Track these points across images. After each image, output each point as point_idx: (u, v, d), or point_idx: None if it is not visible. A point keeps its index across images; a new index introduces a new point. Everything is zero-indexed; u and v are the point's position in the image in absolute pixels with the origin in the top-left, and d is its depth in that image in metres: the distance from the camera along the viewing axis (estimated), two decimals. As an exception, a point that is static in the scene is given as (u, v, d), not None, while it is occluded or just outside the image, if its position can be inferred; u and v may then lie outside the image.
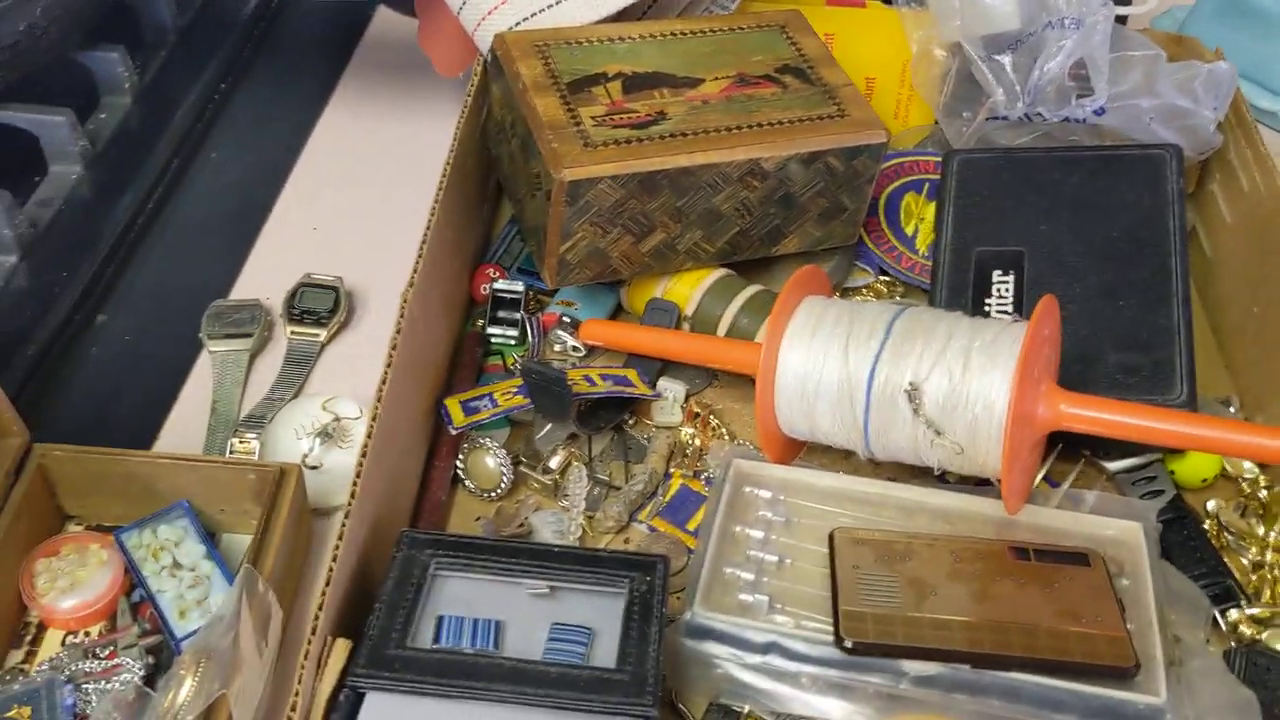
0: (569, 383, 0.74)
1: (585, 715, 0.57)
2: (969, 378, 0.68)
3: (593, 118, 0.79)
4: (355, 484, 0.64)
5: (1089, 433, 0.69)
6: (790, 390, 0.73)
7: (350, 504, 0.63)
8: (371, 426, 0.67)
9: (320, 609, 0.59)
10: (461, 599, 0.63)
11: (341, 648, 0.60)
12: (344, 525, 0.62)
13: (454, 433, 0.77)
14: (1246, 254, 0.88)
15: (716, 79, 0.83)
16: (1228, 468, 0.79)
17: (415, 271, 0.75)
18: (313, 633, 0.59)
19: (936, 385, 0.69)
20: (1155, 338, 0.78)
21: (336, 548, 0.62)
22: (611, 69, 0.83)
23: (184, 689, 0.61)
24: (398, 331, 0.72)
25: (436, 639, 0.60)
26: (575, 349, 0.86)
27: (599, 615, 0.62)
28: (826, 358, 0.72)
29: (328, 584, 0.60)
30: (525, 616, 0.62)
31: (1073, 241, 0.84)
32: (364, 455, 0.65)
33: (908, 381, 0.69)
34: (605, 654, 0.60)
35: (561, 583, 0.64)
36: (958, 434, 0.69)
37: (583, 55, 0.83)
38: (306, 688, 0.57)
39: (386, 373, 0.70)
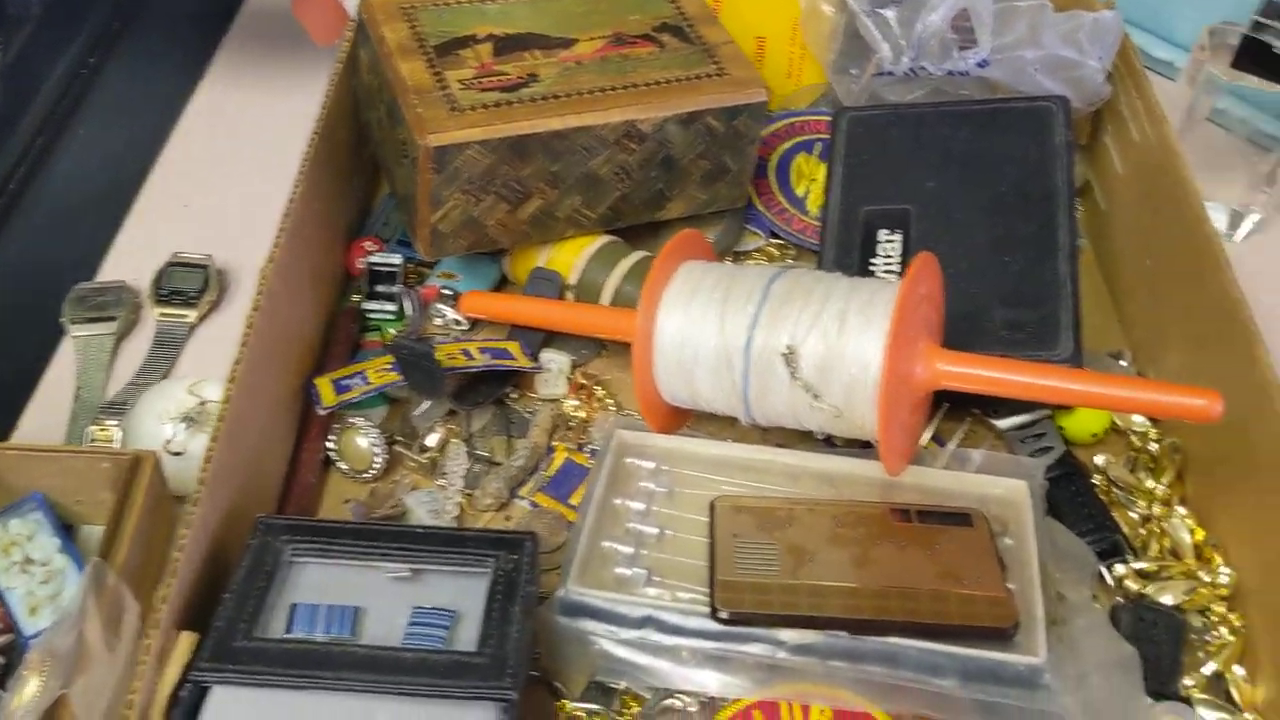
0: (439, 358, 0.71)
1: (442, 701, 0.55)
2: (844, 339, 0.66)
3: (460, 81, 0.76)
4: (204, 469, 0.61)
5: (969, 391, 0.68)
6: (668, 357, 0.71)
7: (199, 491, 0.60)
8: (224, 409, 0.64)
9: (163, 601, 0.57)
10: (318, 586, 0.60)
11: (186, 641, 0.57)
12: (191, 513, 0.59)
13: (322, 412, 0.74)
14: (1138, 206, 0.87)
15: (591, 39, 0.81)
16: (1118, 422, 0.79)
17: (276, 246, 0.72)
18: (156, 626, 0.56)
19: (813, 348, 0.67)
20: (1041, 293, 0.77)
21: (184, 537, 0.59)
22: (481, 30, 0.80)
23: (29, 689, 0.58)
24: (255, 309, 0.69)
25: (289, 628, 0.58)
26: (457, 322, 0.84)
27: (463, 597, 0.60)
28: (704, 323, 0.70)
29: (173, 575, 0.57)
30: (385, 602, 0.60)
31: (960, 198, 0.82)
32: (215, 440, 0.62)
33: (784, 345, 0.67)
34: (468, 637, 0.58)
35: (424, 565, 0.61)
36: (835, 396, 0.67)
37: (451, 17, 0.80)
38: (147, 683, 0.55)
39: (241, 352, 0.67)
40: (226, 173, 0.97)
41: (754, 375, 0.69)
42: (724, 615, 0.62)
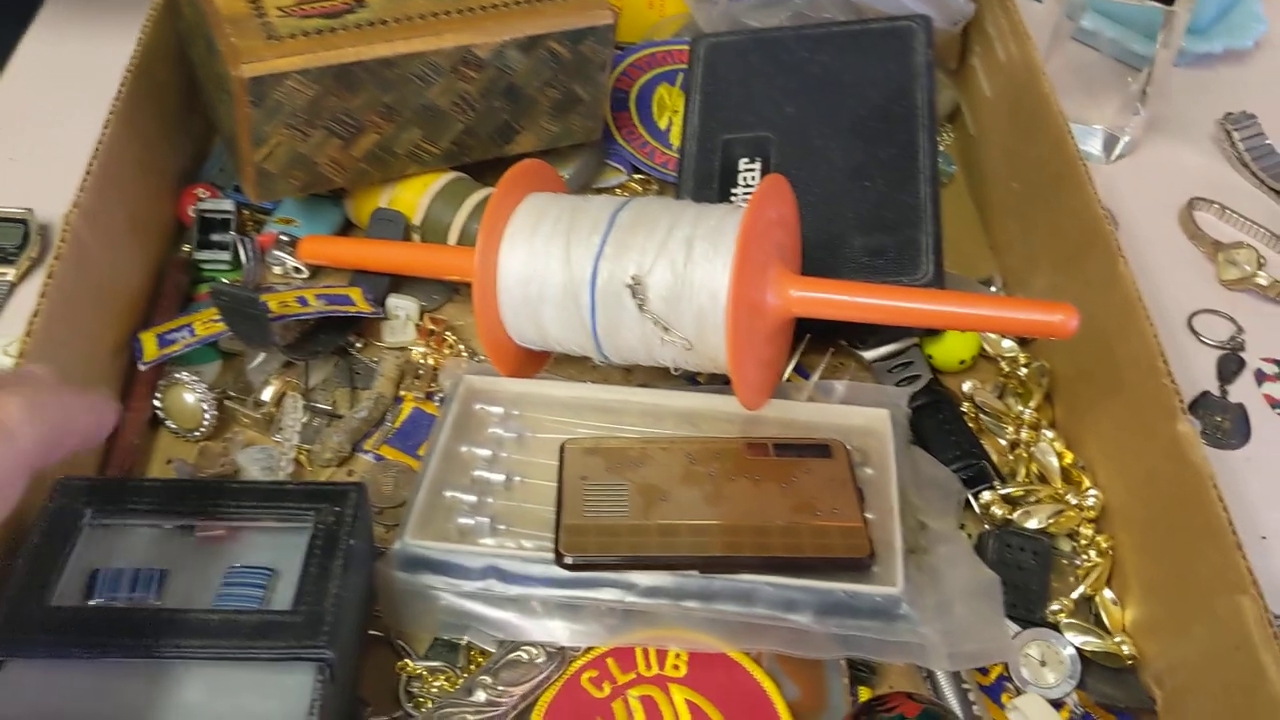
0: (266, 304, 0.67)
1: (255, 665, 0.51)
2: (692, 267, 0.63)
3: (279, 8, 0.71)
4: (-6, 430, 0.56)
5: (824, 317, 0.65)
6: (513, 295, 0.67)
7: None
8: (18, 366, 0.59)
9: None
10: (124, 550, 0.56)
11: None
12: (-22, 476, 0.54)
13: (143, 368, 0.69)
14: (1006, 128, 0.85)
15: (425, -38, 0.76)
16: (986, 348, 0.77)
17: (81, 192, 0.66)
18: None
19: (660, 278, 0.64)
20: (901, 217, 0.74)
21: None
22: (305, -45, 0.74)
23: None
24: (57, 258, 0.63)
25: (88, 595, 0.53)
26: (297, 270, 0.79)
27: (282, 555, 0.56)
28: (549, 258, 0.66)
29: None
30: (198, 563, 0.55)
31: (820, 123, 0.79)
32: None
33: (630, 275, 0.64)
34: (286, 596, 0.54)
35: (241, 522, 0.57)
36: (685, 328, 0.64)
37: (272, -59, 0.74)
38: (-78, 664, 0.50)
39: (40, 304, 0.61)
40: (52, 123, 0.90)
41: (601, 310, 0.65)
42: (569, 560, 0.59)
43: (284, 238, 0.78)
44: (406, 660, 0.61)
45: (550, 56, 0.75)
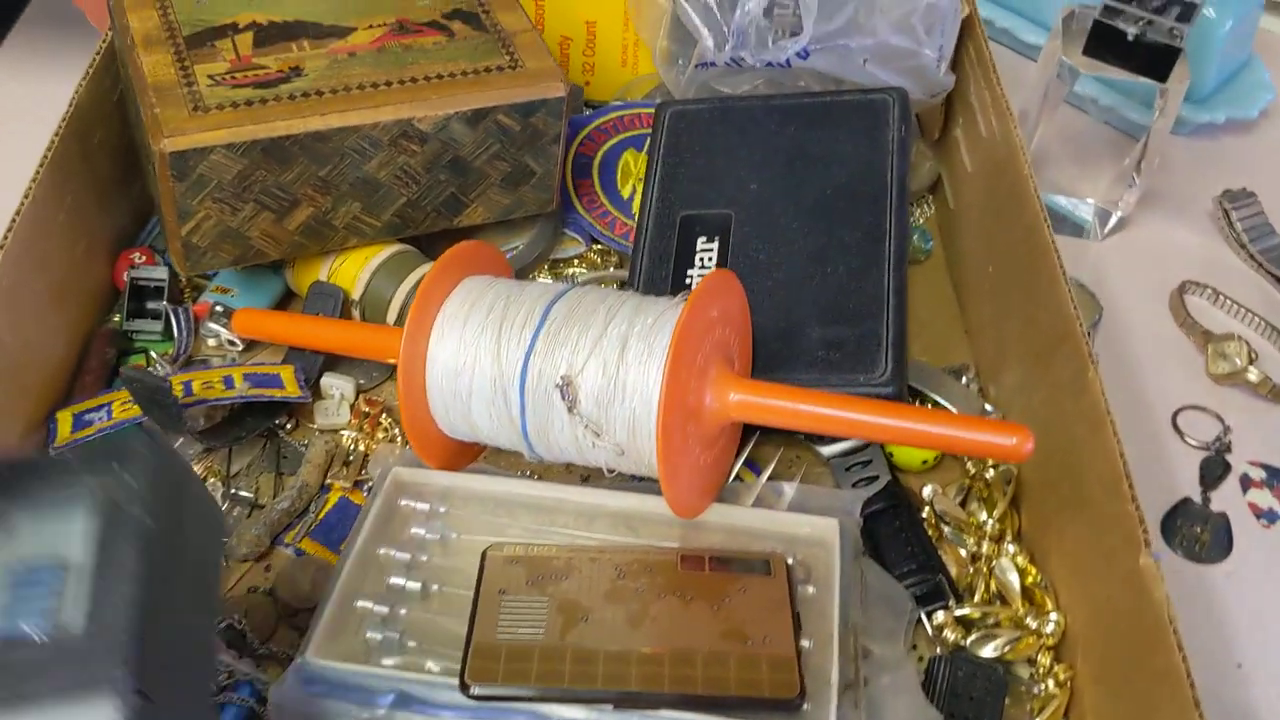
0: (172, 393, 0.63)
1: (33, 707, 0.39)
2: (625, 369, 0.59)
3: (210, 77, 0.67)
4: None
5: (765, 425, 0.61)
6: (443, 387, 0.63)
7: None
8: (-101, 460, 0.55)
9: None
10: None
11: None
12: None
13: (52, 454, 0.65)
14: (983, 205, 0.81)
15: (370, 27, 0.72)
16: (952, 446, 0.72)
17: (-10, 264, 0.63)
18: None
19: (591, 378, 0.60)
20: (862, 307, 0.70)
21: None
22: (244, 18, 0.71)
23: None
24: (-42, 340, 0.60)
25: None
26: (232, 343, 0.75)
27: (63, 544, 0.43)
28: (478, 349, 0.62)
29: None
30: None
31: (784, 201, 0.75)
32: (-117, 497, 0.54)
33: (560, 375, 0.60)
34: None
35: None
36: (617, 433, 0.60)
37: (211, 3, 0.71)
38: None
39: (-67, 391, 0.58)
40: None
41: (531, 409, 0.61)
42: (474, 691, 0.55)
43: (219, 308, 0.75)
44: (304, 786, 0.57)
45: (498, 129, 0.71)
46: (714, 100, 0.81)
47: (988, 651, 0.62)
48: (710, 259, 0.73)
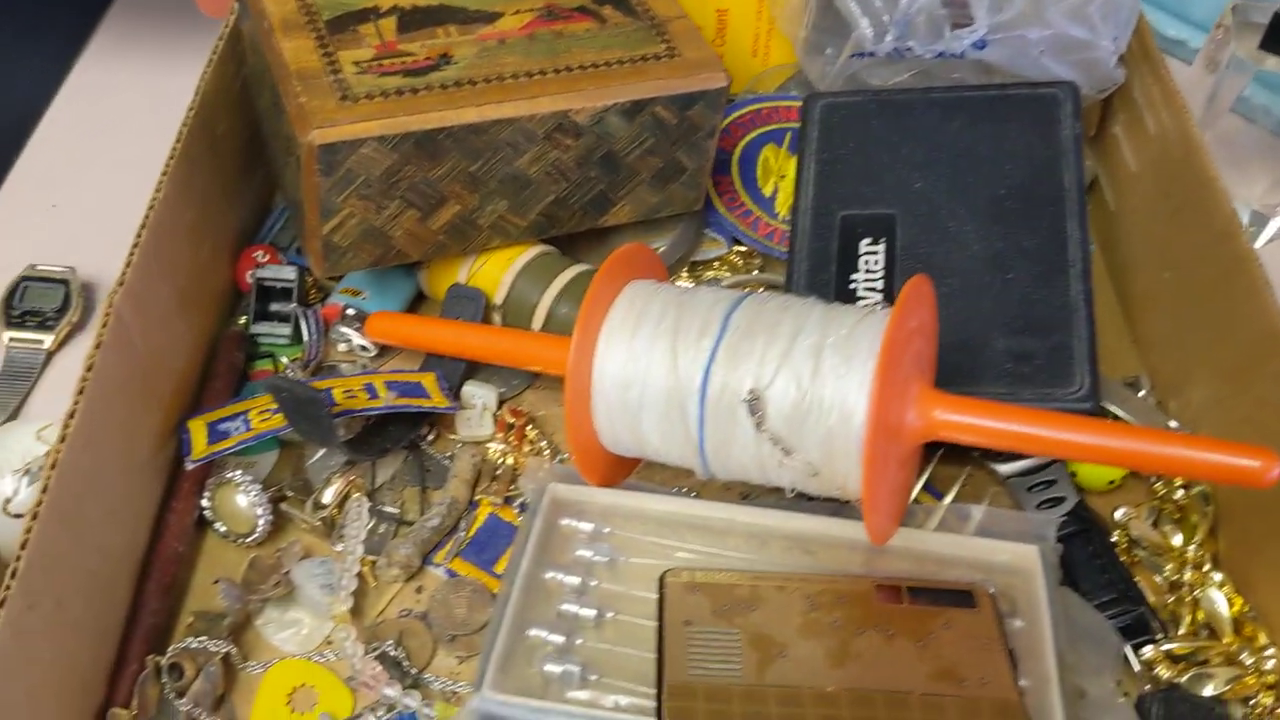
0: (335, 397, 0.59)
1: None
2: (821, 382, 0.54)
3: (356, 64, 0.63)
4: (18, 558, 0.49)
5: (970, 444, 0.56)
6: (610, 400, 0.59)
7: (8, 585, 0.48)
8: (48, 477, 0.51)
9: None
10: None
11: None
12: (-4, 614, 0.47)
13: (190, 466, 0.61)
14: (1154, 208, 0.76)
15: (518, 13, 0.68)
16: (1137, 465, 0.67)
17: (126, 267, 0.59)
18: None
19: (782, 392, 0.55)
20: (1050, 317, 0.65)
21: (-16, 648, 0.46)
22: (385, 2, 0.67)
23: None
24: (98, 346, 0.56)
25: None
26: (364, 348, 0.71)
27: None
28: (651, 360, 0.58)
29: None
30: None
31: (953, 201, 0.70)
32: (34, 516, 0.50)
33: (747, 389, 0.55)
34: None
35: None
36: (810, 451, 0.55)
37: (351, -14, 0.67)
38: None
39: (77, 401, 0.54)
40: (101, 170, 0.83)
41: (711, 425, 0.57)
42: (674, 733, 0.50)
43: (350, 311, 0.71)
44: (480, 832, 0.53)
45: (655, 123, 0.67)
46: (869, 93, 0.76)
47: (1208, 690, 0.57)
48: (877, 262, 0.69)
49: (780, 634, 0.54)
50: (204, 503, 0.62)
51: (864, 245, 0.70)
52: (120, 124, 0.87)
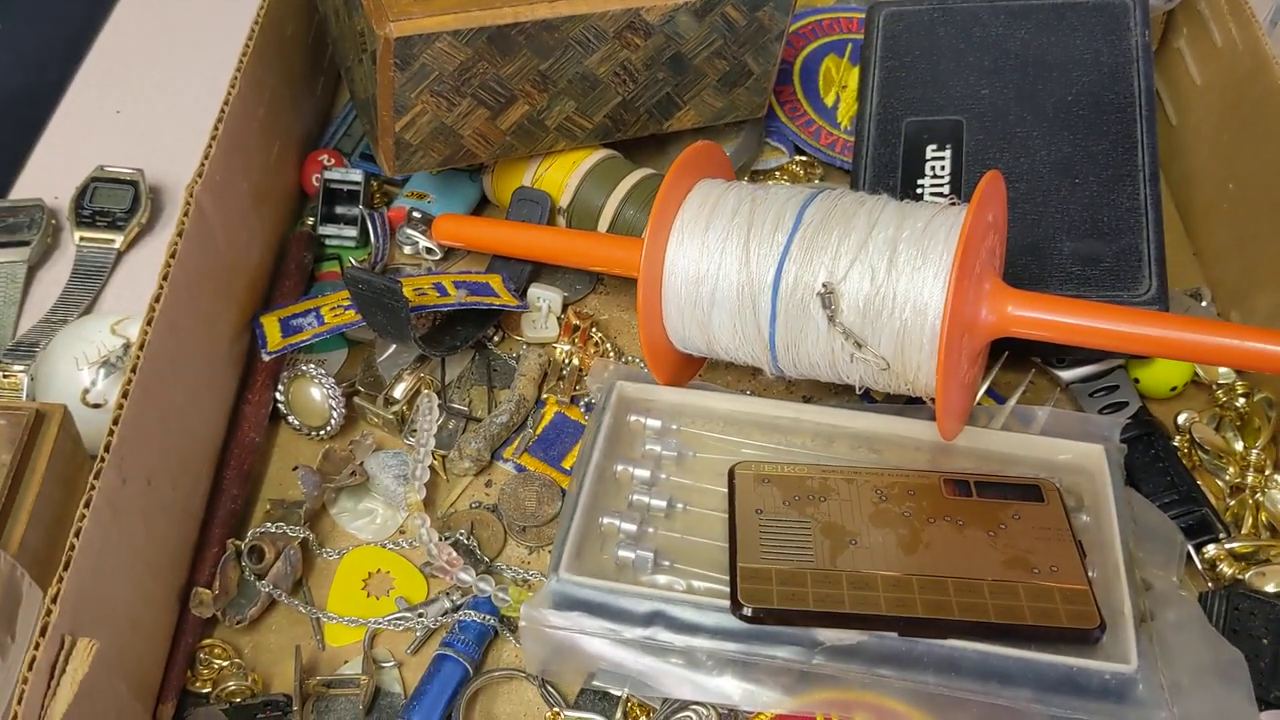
0: (406, 293, 0.59)
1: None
2: (895, 276, 0.55)
3: (430, -41, 0.63)
4: (112, 431, 0.50)
5: (1043, 340, 0.56)
6: (681, 297, 0.59)
7: (103, 456, 0.49)
8: (138, 356, 0.52)
9: (54, 600, 0.45)
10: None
11: (84, 649, 0.46)
12: (92, 487, 0.48)
13: (266, 357, 0.62)
14: (1219, 121, 0.75)
15: (589, -88, 0.67)
16: (1200, 373, 0.67)
17: (205, 160, 0.60)
18: (41, 633, 0.45)
19: (856, 286, 0.55)
20: (1118, 221, 0.65)
21: (82, 518, 0.47)
22: (457, -100, 0.66)
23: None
24: (179, 234, 0.57)
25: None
26: (429, 250, 0.72)
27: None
28: (723, 256, 0.58)
29: (65, 567, 0.46)
30: None
31: (1020, 108, 0.70)
32: (125, 394, 0.51)
33: (821, 282, 0.56)
34: None
35: None
36: (882, 345, 0.55)
37: (418, -118, 0.67)
38: (31, 707, 0.44)
39: (162, 286, 0.55)
40: (164, 74, 0.84)
41: (783, 319, 0.57)
42: (749, 611, 0.51)
43: (416, 214, 0.71)
44: (556, 710, 0.54)
45: (724, 23, 0.67)
46: (932, 2, 0.76)
47: (1270, 587, 0.58)
48: (943, 168, 0.69)
49: (851, 523, 0.55)
50: (278, 395, 0.63)
51: (930, 151, 0.70)
52: (182, 31, 0.87)
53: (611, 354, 0.68)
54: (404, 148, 0.65)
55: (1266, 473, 0.63)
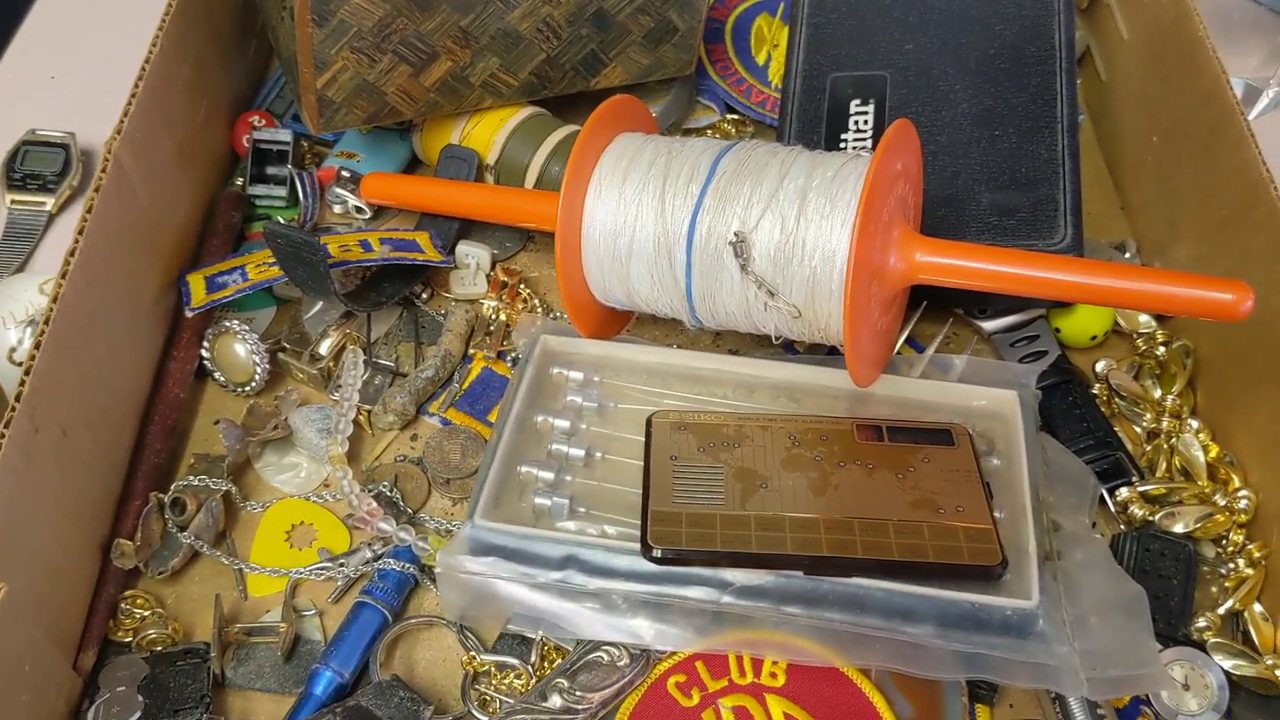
0: (325, 248, 0.60)
1: None
2: (805, 224, 0.55)
3: (347, -85, 0.63)
4: (23, 382, 0.50)
5: (951, 285, 0.57)
6: (600, 249, 0.60)
7: (14, 406, 0.49)
8: (50, 310, 0.52)
9: (-39, 547, 0.46)
10: None
11: (-8, 595, 0.46)
12: (2, 435, 0.48)
13: (190, 314, 0.63)
14: (1145, 74, 0.76)
15: None
16: (1120, 323, 0.68)
17: (124, 117, 0.60)
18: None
19: (767, 235, 0.56)
20: (1036, 172, 0.66)
21: None
22: None
23: None
24: (96, 190, 0.57)
25: None
26: (359, 209, 0.72)
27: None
28: (640, 207, 0.59)
29: (-27, 514, 0.47)
30: None
31: (943, 62, 0.71)
32: (37, 346, 0.51)
33: (733, 232, 0.56)
34: None
35: None
36: (794, 293, 0.56)
37: None
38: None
39: (77, 241, 0.55)
40: (100, 39, 0.84)
41: (698, 269, 0.58)
42: (658, 553, 0.52)
43: (345, 173, 0.72)
44: (472, 654, 0.55)
45: (646, -21, 0.67)
46: (861, -42, 0.76)
47: (1179, 528, 0.59)
48: (866, 122, 0.69)
49: (763, 468, 0.56)
50: (203, 352, 0.64)
51: (854, 106, 0.70)
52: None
53: (539, 310, 0.69)
54: (327, 105, 0.65)
55: (1182, 418, 0.64)
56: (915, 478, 0.55)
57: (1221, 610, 0.57)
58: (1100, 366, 0.66)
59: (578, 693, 0.52)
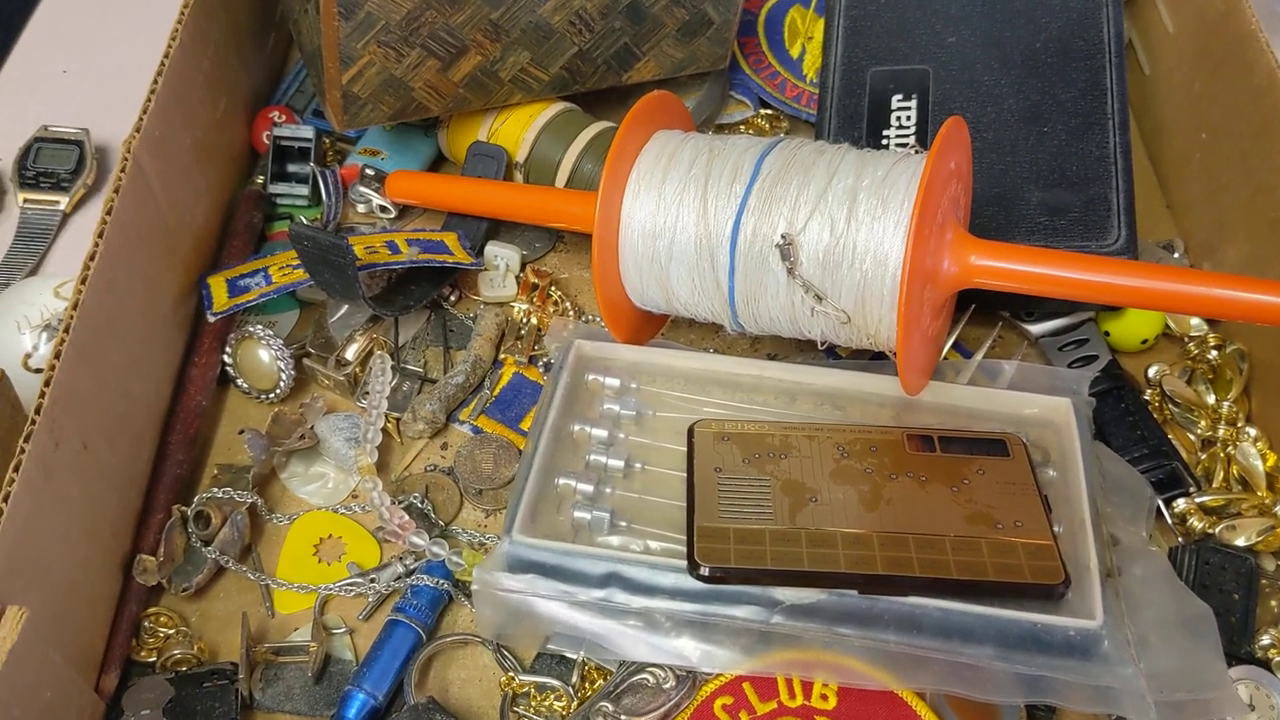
0: (352, 251, 0.57)
1: None
2: (855, 227, 0.53)
3: (374, -96, 0.61)
4: (42, 395, 0.48)
5: (1007, 290, 0.55)
6: (638, 251, 0.58)
7: (34, 419, 0.47)
8: (70, 316, 0.50)
9: (-18, 568, 0.44)
10: None
11: (13, 617, 0.44)
12: (23, 450, 0.46)
13: (212, 318, 0.60)
14: (1191, 69, 0.74)
15: None
16: (1171, 325, 0.66)
17: (143, 115, 0.57)
18: (-30, 602, 0.43)
19: (815, 237, 0.54)
20: (1087, 171, 0.63)
21: (12, 482, 0.46)
22: None
23: None
24: (115, 191, 0.55)
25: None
26: (383, 209, 0.70)
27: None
28: (680, 208, 0.57)
29: (-7, 533, 0.44)
30: None
31: (987, 56, 0.68)
32: (57, 355, 0.49)
33: (779, 234, 0.54)
34: None
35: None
36: (843, 298, 0.54)
37: None
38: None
39: (97, 244, 0.53)
40: (113, 32, 0.81)
41: (741, 272, 0.56)
42: (705, 571, 0.50)
43: (369, 171, 0.69)
44: (511, 674, 0.53)
45: (681, -30, 0.65)
46: (899, -52, 0.74)
47: (1240, 541, 0.57)
48: (909, 118, 0.67)
49: (812, 480, 0.54)
50: (226, 358, 0.62)
51: (896, 101, 0.68)
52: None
53: (571, 313, 0.67)
54: (352, 101, 0.63)
55: (1238, 425, 0.62)
56: (970, 491, 0.53)
57: (1285, 627, 0.55)
58: (1153, 372, 0.64)
59: (622, 717, 0.50)
